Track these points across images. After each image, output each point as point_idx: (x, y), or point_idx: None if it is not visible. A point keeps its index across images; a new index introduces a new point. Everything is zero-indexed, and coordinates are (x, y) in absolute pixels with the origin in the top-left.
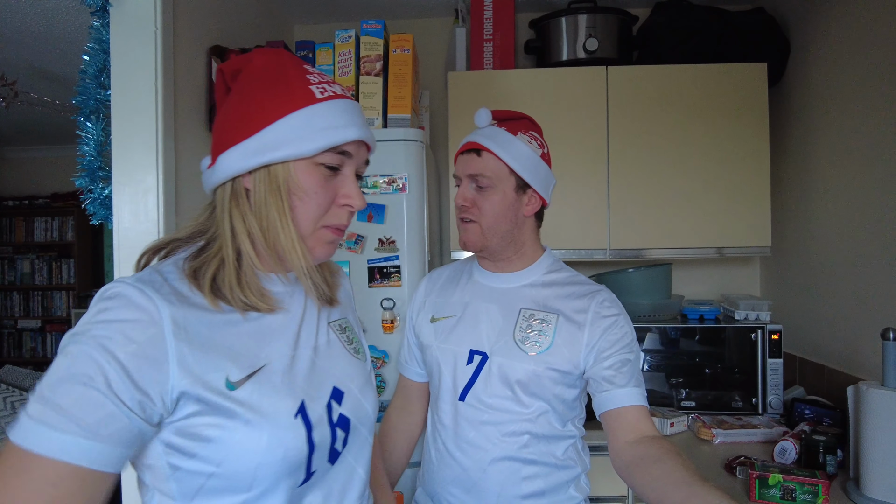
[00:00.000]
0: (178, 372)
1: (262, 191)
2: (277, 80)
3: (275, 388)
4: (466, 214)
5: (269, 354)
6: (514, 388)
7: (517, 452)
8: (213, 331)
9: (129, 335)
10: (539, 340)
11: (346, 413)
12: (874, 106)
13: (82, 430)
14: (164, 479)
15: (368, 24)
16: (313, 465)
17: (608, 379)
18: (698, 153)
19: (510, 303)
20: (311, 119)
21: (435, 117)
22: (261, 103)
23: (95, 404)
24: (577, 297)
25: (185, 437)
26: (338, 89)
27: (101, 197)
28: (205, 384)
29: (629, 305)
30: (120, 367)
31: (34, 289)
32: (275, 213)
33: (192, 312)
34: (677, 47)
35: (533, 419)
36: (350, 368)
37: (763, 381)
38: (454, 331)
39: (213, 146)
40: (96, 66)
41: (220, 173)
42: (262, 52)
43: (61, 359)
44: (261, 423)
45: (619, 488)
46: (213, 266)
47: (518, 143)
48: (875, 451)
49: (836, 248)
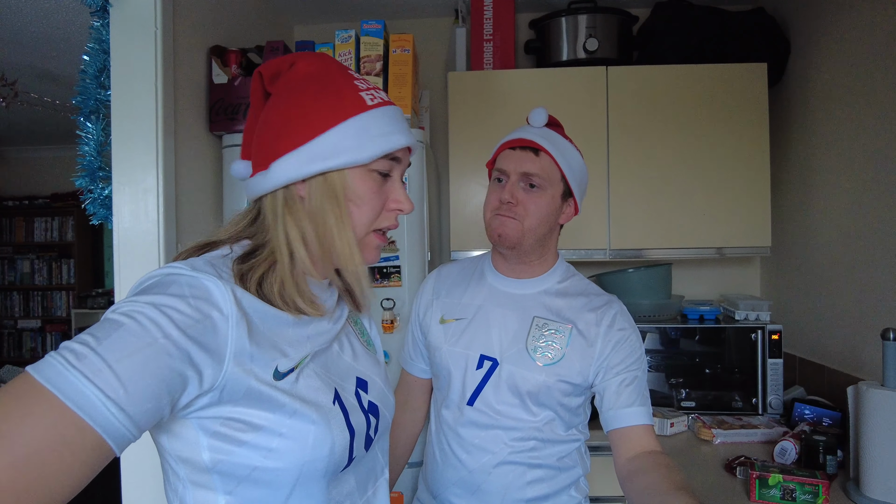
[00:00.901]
0: (232, 355)
1: (319, 198)
2: (328, 87)
3: (316, 378)
4: (509, 212)
5: (310, 350)
6: (523, 397)
7: (523, 457)
8: (265, 322)
9: (190, 308)
10: (551, 351)
11: (374, 400)
12: (874, 106)
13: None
14: (205, 472)
15: (368, 24)
16: (354, 450)
17: (615, 395)
18: (698, 153)
19: (524, 310)
20: (366, 126)
21: (435, 117)
22: (315, 110)
23: (141, 344)
24: (590, 309)
25: (231, 428)
26: (384, 95)
27: (101, 197)
28: (255, 373)
29: (629, 305)
30: (176, 326)
31: (34, 289)
32: (333, 220)
33: (249, 300)
34: (677, 47)
35: (540, 427)
36: (366, 359)
37: (763, 381)
38: (465, 334)
39: (262, 153)
40: (96, 67)
41: (274, 180)
42: (305, 56)
43: (109, 322)
44: (307, 413)
45: (620, 488)
46: (259, 270)
47: (573, 150)
48: (875, 451)
49: (836, 248)
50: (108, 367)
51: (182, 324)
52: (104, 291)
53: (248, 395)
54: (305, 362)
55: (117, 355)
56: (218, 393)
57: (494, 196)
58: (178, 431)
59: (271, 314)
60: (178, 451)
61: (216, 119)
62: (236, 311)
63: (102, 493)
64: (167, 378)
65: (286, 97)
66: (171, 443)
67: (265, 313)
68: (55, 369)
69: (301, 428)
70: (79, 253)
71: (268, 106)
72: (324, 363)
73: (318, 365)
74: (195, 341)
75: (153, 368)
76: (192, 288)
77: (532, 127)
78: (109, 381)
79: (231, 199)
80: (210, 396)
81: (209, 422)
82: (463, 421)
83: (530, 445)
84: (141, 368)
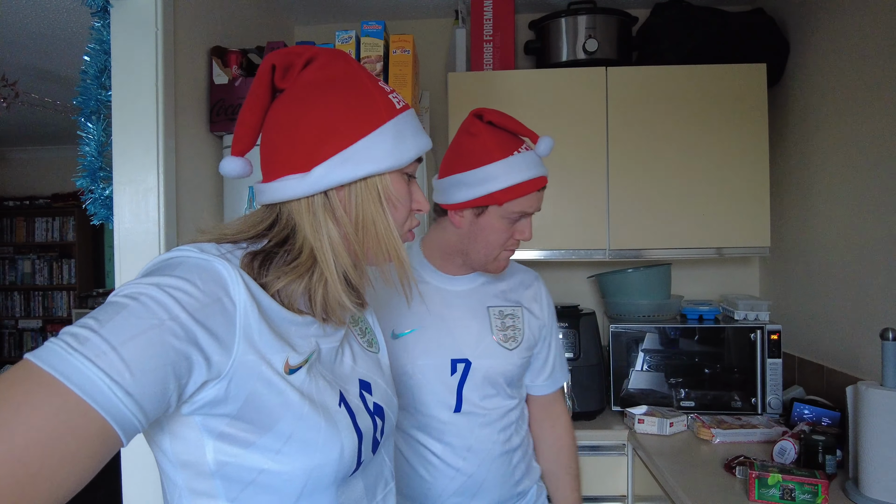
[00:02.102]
0: (242, 340)
1: (362, 201)
2: (360, 89)
3: (322, 379)
4: (516, 247)
5: (315, 347)
6: (501, 386)
7: (509, 443)
8: (272, 314)
9: (198, 290)
10: (517, 333)
11: (378, 402)
12: (873, 106)
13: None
14: (208, 476)
15: (368, 24)
16: (362, 454)
17: (542, 366)
18: (698, 153)
19: (477, 302)
20: (400, 130)
21: (435, 118)
22: (355, 114)
23: (145, 326)
24: (526, 285)
25: (238, 428)
26: (404, 98)
27: (101, 197)
28: (267, 360)
29: (629, 305)
30: (183, 308)
31: (35, 289)
32: (380, 224)
33: (256, 288)
34: (677, 48)
35: (515, 407)
36: (366, 362)
37: (762, 381)
38: (428, 344)
39: (298, 155)
40: (97, 67)
41: (316, 184)
42: (324, 53)
43: (113, 305)
44: (316, 414)
45: (620, 488)
46: (296, 273)
47: None
48: (874, 451)
49: (835, 248)
50: (112, 349)
51: (189, 306)
52: (105, 291)
53: (256, 389)
54: (312, 361)
55: (121, 337)
56: (226, 383)
57: (505, 233)
58: (181, 433)
59: (276, 309)
60: (180, 455)
61: (217, 119)
62: (247, 295)
63: (102, 495)
64: (173, 361)
65: (317, 97)
66: (173, 445)
67: (272, 308)
68: (56, 353)
69: (310, 430)
70: (79, 253)
71: (285, 105)
72: (328, 366)
73: (324, 367)
74: (202, 325)
75: (159, 351)
76: (201, 270)
77: (541, 156)
78: (114, 363)
79: (231, 200)
80: (218, 387)
81: (215, 421)
82: (452, 430)
83: (512, 430)
84: (146, 351)
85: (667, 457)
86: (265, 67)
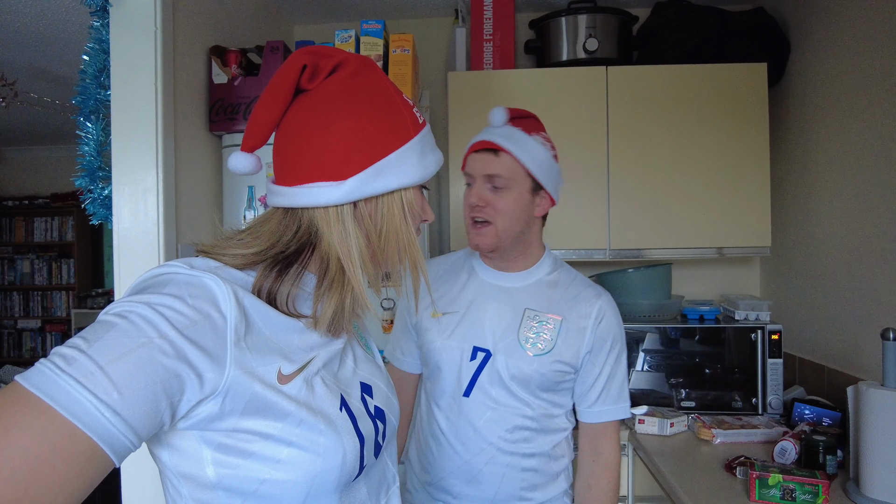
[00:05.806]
0: (234, 357)
1: (387, 214)
2: (390, 103)
3: (323, 385)
4: (480, 214)
5: (315, 356)
6: (516, 386)
7: (518, 446)
8: (268, 325)
9: (188, 307)
10: (541, 342)
11: (379, 405)
12: (874, 106)
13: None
14: (209, 488)
15: (368, 24)
16: (365, 458)
17: (589, 391)
18: (698, 153)
19: (516, 302)
20: (423, 145)
21: (435, 117)
22: (388, 127)
23: (134, 346)
24: (581, 300)
25: (236, 439)
26: (420, 112)
27: (100, 197)
28: (258, 376)
29: (629, 305)
30: (172, 326)
31: (34, 289)
32: (403, 236)
33: (252, 301)
34: (677, 47)
35: (534, 416)
36: (367, 364)
37: (763, 381)
38: (458, 327)
39: (332, 163)
40: (96, 66)
41: (349, 194)
42: (353, 60)
43: (101, 324)
44: (315, 421)
45: (620, 488)
46: (335, 297)
47: (534, 144)
48: (875, 451)
49: (836, 248)
50: (99, 369)
51: (179, 323)
52: (104, 291)
53: (252, 402)
54: (311, 369)
55: (109, 357)
56: (221, 399)
57: (465, 200)
58: (179, 445)
59: (276, 319)
60: (180, 468)
61: (216, 119)
62: (237, 311)
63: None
64: (164, 379)
65: (350, 106)
66: (172, 458)
67: (269, 317)
68: (44, 375)
69: (310, 436)
70: (79, 253)
71: (312, 107)
72: (331, 370)
73: (326, 372)
74: (193, 342)
75: (148, 369)
76: (190, 287)
77: (494, 127)
78: (102, 383)
79: (231, 200)
80: (213, 403)
81: (213, 434)
82: (459, 412)
83: (525, 435)
84: (135, 370)
85: (667, 457)
86: (295, 66)
